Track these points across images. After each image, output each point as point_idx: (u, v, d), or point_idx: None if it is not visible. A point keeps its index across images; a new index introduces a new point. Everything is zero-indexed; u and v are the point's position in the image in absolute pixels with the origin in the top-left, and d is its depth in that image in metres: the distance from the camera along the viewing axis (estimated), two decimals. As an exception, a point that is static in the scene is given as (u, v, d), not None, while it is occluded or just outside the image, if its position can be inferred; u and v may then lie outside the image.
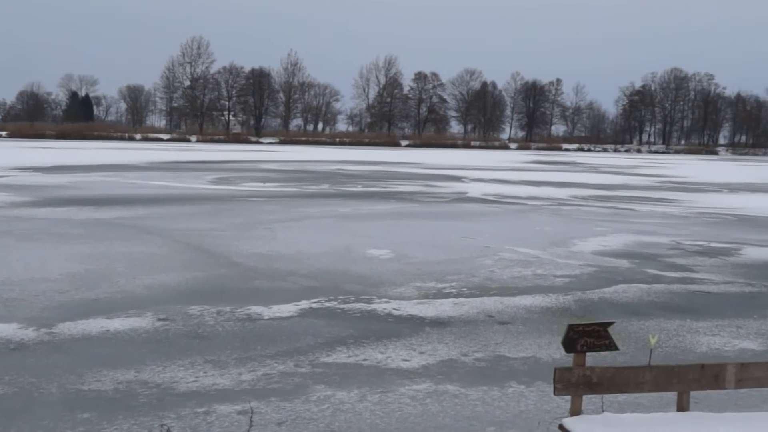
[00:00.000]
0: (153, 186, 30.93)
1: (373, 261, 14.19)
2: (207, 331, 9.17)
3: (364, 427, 6.37)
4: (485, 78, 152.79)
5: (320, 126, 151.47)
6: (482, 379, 7.69)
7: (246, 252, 14.77)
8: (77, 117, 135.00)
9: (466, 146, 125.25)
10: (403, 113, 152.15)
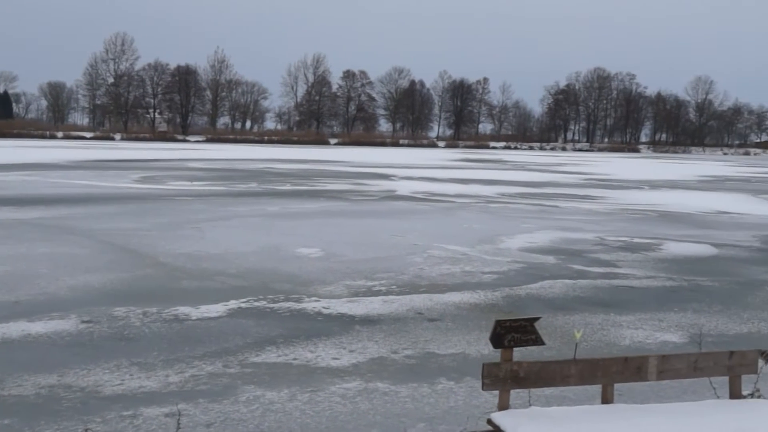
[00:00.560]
0: (76, 185, 30.19)
1: (303, 260, 14.14)
2: (133, 333, 9.00)
3: (294, 427, 6.34)
4: (413, 76, 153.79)
5: (248, 124, 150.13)
6: (412, 376, 7.73)
7: (173, 252, 14.55)
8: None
9: (395, 144, 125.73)
10: (332, 111, 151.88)
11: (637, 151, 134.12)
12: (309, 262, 13.87)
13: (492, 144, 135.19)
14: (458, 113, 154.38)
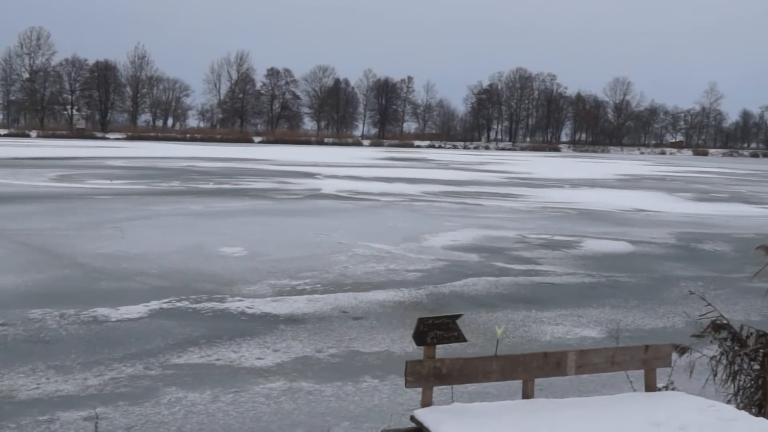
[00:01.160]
0: (-11, 184, 29.24)
1: (226, 259, 13.99)
2: (49, 336, 8.77)
3: (217, 428, 6.27)
4: (338, 75, 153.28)
5: (170, 122, 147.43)
6: (337, 375, 7.73)
7: (92, 252, 14.22)
8: None
9: (320, 143, 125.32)
10: (256, 109, 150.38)
11: (558, 151, 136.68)
12: (233, 262, 13.73)
13: (416, 143, 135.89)
14: (383, 112, 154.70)
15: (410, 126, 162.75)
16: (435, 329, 5.07)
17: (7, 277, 11.78)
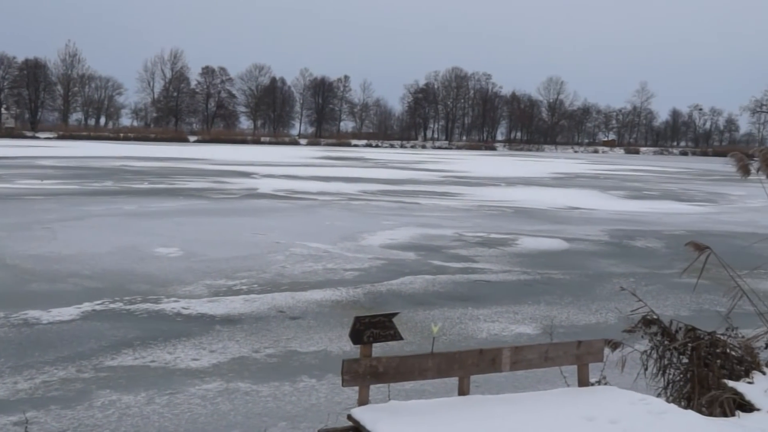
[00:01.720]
0: None
1: (161, 260, 13.80)
2: (-23, 340, 8.54)
3: (152, 431, 6.19)
4: (274, 74, 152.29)
5: (102, 121, 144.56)
6: (274, 375, 7.70)
7: (21, 253, 13.89)
8: None
9: (256, 142, 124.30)
10: (191, 108, 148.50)
11: (494, 149, 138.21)
12: (168, 262, 13.56)
13: (354, 142, 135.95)
14: (320, 111, 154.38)
15: (347, 125, 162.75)
16: (371, 328, 5.09)
17: (-67, 280, 11.44)
